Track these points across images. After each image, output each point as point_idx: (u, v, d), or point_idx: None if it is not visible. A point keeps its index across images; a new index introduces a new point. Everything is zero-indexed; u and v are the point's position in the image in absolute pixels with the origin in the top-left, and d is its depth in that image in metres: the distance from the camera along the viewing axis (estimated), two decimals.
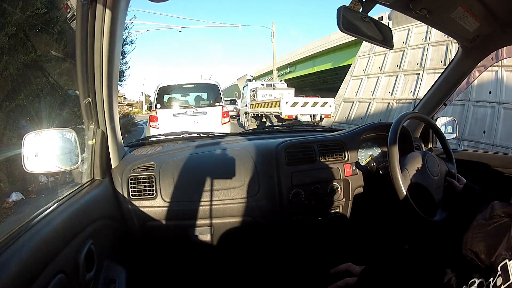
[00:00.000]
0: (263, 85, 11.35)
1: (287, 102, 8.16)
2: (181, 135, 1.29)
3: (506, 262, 0.47)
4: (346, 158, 1.11)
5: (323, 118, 8.58)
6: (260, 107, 9.55)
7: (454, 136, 1.34)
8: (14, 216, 3.25)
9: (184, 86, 5.15)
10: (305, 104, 8.29)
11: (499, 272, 0.48)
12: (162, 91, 4.90)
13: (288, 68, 22.38)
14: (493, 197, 0.80)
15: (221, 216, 1.00)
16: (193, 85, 5.24)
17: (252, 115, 10.25)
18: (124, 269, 0.79)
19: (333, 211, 1.09)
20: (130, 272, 0.80)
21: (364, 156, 1.17)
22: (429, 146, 1.31)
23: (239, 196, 1.01)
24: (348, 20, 0.75)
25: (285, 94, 9.72)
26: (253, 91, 10.38)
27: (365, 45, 10.44)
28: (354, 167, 1.10)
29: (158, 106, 4.73)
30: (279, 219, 1.04)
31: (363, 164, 1.11)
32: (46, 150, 0.75)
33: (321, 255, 1.19)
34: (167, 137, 1.27)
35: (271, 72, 25.73)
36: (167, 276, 1.08)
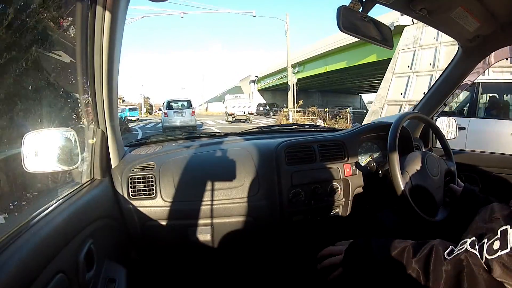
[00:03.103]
0: (233, 96, 19.60)
1: (230, 106, 17.30)
2: (181, 135, 1.29)
3: (507, 228, 0.45)
4: (346, 158, 1.11)
5: (250, 113, 17.36)
6: (227, 109, 18.37)
7: (454, 136, 1.33)
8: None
9: (177, 99, 12.45)
10: (239, 107, 17.04)
11: (498, 236, 0.46)
12: (168, 102, 12.02)
13: (297, 68, 20.92)
14: (493, 199, 0.81)
15: (221, 216, 1.00)
16: (181, 99, 12.46)
17: (226, 113, 18.69)
18: (124, 268, 0.79)
19: (333, 211, 1.09)
20: (130, 272, 0.80)
21: (364, 156, 1.17)
22: (429, 146, 1.31)
23: (239, 196, 1.01)
24: (348, 20, 0.75)
25: (242, 101, 17.63)
26: (227, 100, 19.03)
27: (406, 37, 9.07)
28: (354, 167, 1.10)
29: (168, 108, 11.63)
30: (279, 219, 1.04)
31: (363, 164, 1.11)
32: (46, 149, 0.75)
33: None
34: (167, 137, 1.27)
35: (282, 71, 24.05)
36: (167, 275, 1.08)
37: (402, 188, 0.87)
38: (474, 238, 0.49)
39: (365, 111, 15.65)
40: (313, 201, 1.05)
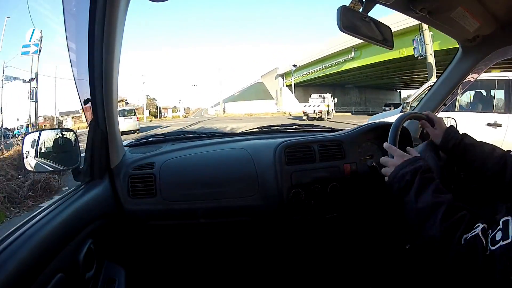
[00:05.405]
0: (317, 95, 19.51)
1: (303, 105, 18.66)
2: (181, 135, 1.29)
3: (508, 219, 0.47)
4: (346, 158, 1.11)
5: (320, 111, 17.54)
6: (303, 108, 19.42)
7: None
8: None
9: (123, 108, 15.64)
10: (310, 106, 18.03)
11: (499, 226, 0.48)
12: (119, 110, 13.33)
13: (353, 53, 16.83)
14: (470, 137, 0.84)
15: (220, 216, 1.00)
16: (126, 108, 15.82)
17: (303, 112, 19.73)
18: (124, 268, 0.79)
19: (333, 211, 1.09)
20: (129, 272, 0.80)
21: (364, 156, 1.17)
22: None
23: (238, 196, 1.01)
24: (348, 20, 0.75)
25: (320, 100, 18.27)
26: (310, 99, 19.56)
27: None
28: (354, 167, 1.10)
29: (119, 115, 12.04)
30: (278, 219, 1.04)
31: (363, 164, 1.11)
32: (46, 149, 0.75)
33: (320, 254, 1.19)
34: (167, 137, 1.28)
35: (325, 59, 20.26)
36: (166, 275, 1.08)
37: None
38: (485, 225, 0.51)
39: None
40: (313, 201, 1.05)
